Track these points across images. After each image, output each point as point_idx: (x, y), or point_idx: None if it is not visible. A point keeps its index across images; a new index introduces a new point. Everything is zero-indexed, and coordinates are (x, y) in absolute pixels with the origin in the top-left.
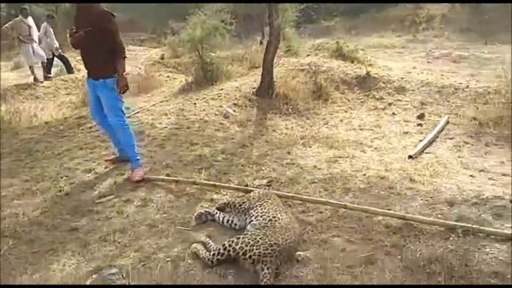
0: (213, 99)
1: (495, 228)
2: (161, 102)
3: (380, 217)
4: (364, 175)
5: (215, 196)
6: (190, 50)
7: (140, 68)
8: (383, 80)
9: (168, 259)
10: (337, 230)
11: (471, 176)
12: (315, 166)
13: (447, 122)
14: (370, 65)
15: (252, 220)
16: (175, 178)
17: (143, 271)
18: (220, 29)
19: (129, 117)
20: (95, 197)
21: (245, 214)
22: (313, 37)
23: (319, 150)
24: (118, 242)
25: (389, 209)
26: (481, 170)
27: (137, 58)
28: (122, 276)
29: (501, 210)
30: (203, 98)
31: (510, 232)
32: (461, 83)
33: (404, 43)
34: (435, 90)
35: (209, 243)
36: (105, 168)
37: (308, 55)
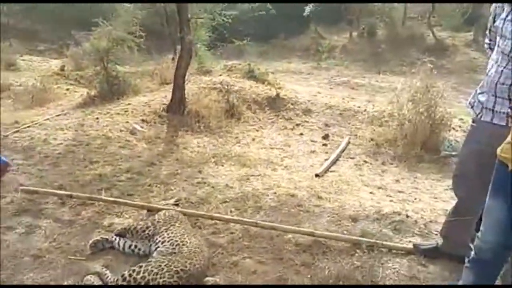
0: (118, 114)
1: (395, 243)
2: (57, 116)
3: (290, 235)
4: (275, 193)
5: (115, 220)
6: (94, 62)
7: (35, 79)
8: (292, 102)
9: None
10: (248, 251)
11: (371, 193)
12: (227, 185)
13: (348, 143)
14: (279, 88)
15: (158, 247)
16: (68, 193)
17: None
18: (128, 41)
19: (17, 131)
20: None
21: (149, 241)
22: (225, 57)
23: (231, 169)
24: None
25: (298, 227)
26: (380, 187)
27: (34, 69)
28: None
29: (399, 225)
30: (107, 113)
31: (410, 246)
32: (359, 107)
33: (310, 69)
34: (337, 113)
35: (106, 274)
36: None
37: (220, 75)
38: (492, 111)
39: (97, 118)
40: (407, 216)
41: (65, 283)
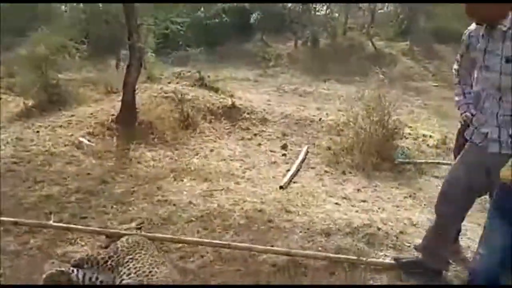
0: (61, 127)
1: (377, 259)
2: None
3: (265, 255)
4: (242, 209)
5: (69, 248)
6: (30, 70)
7: None
8: (247, 111)
9: None
10: (222, 275)
11: (336, 203)
12: (190, 202)
13: (307, 152)
14: (231, 95)
15: (124, 279)
16: (12, 219)
17: None
18: (70, 47)
19: None
20: None
21: (112, 272)
22: (170, 64)
23: (192, 184)
24: None
25: (272, 245)
26: (344, 198)
27: None
28: None
29: (372, 238)
30: (49, 125)
31: (391, 261)
32: (314, 116)
33: (256, 77)
34: (294, 122)
35: None
36: None
37: (169, 82)
38: (498, 141)
39: (38, 132)
40: (378, 229)
41: None
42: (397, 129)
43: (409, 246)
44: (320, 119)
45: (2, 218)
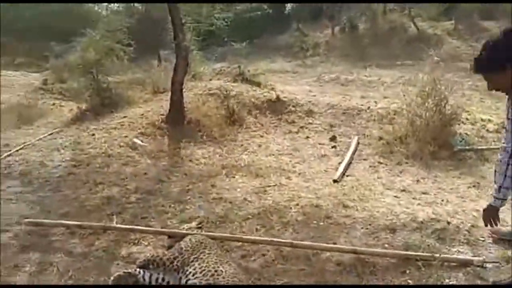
0: (115, 128)
1: (451, 255)
2: (50, 134)
3: (328, 254)
4: (297, 205)
5: (134, 249)
6: (81, 74)
7: (19, 96)
8: (292, 104)
9: None
10: (286, 275)
11: (395, 196)
12: (244, 199)
13: (358, 143)
14: (273, 89)
15: (189, 279)
16: (77, 223)
17: None
18: (117, 50)
19: (9, 155)
20: None
21: (178, 272)
22: (214, 60)
23: (243, 180)
24: None
25: (334, 243)
26: (403, 190)
27: (14, 85)
28: None
29: (442, 233)
30: (103, 127)
31: (469, 257)
32: (362, 105)
33: (295, 68)
34: (341, 112)
35: None
36: None
37: (210, 79)
38: None
39: (93, 135)
40: (448, 223)
41: None
42: (455, 114)
43: (483, 241)
44: (368, 107)
45: (67, 222)
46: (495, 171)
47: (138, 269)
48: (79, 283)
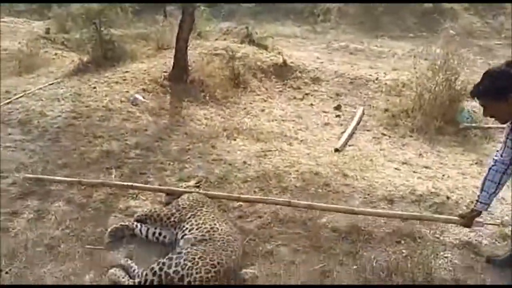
0: (117, 82)
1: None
2: (50, 84)
3: (324, 220)
4: (297, 171)
5: (132, 203)
6: (83, 25)
7: (20, 43)
8: (299, 70)
9: None
10: (281, 237)
11: (396, 169)
12: (244, 162)
13: (363, 114)
14: (280, 53)
15: (185, 234)
16: (77, 180)
17: None
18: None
19: (9, 102)
20: None
21: (175, 228)
22: (221, 19)
23: (245, 143)
24: (7, 272)
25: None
26: (404, 163)
27: (16, 32)
28: None
29: (441, 207)
30: (105, 81)
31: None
32: (370, 75)
33: (304, 33)
34: (348, 82)
35: (131, 266)
36: None
37: (216, 39)
38: None
39: (95, 87)
40: (447, 198)
41: (86, 276)
42: (464, 90)
43: (481, 217)
44: (376, 78)
45: (66, 179)
46: (486, 178)
47: (135, 223)
48: (76, 233)
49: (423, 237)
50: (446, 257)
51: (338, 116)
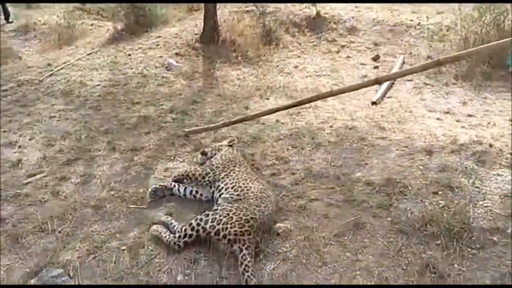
0: (150, 48)
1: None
2: (88, 54)
3: (359, 174)
4: (331, 127)
5: (169, 165)
6: None
7: (58, 16)
8: (334, 21)
9: (124, 247)
10: (315, 192)
11: (438, 119)
12: (277, 121)
13: (403, 63)
14: (313, 4)
15: (222, 193)
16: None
17: (95, 265)
18: None
19: (51, 74)
20: (22, 176)
21: (211, 187)
22: None
23: (278, 102)
24: (59, 232)
25: (366, 163)
26: (447, 112)
27: (52, 5)
28: (69, 275)
29: (483, 156)
30: (139, 48)
31: None
32: (412, 20)
33: None
34: (387, 29)
35: (171, 223)
36: (30, 139)
37: None
38: None
39: (130, 55)
40: (490, 146)
41: (131, 233)
42: None
43: None
44: (418, 23)
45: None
46: None
47: (173, 183)
48: (120, 194)
49: (462, 187)
50: (486, 206)
51: (376, 67)
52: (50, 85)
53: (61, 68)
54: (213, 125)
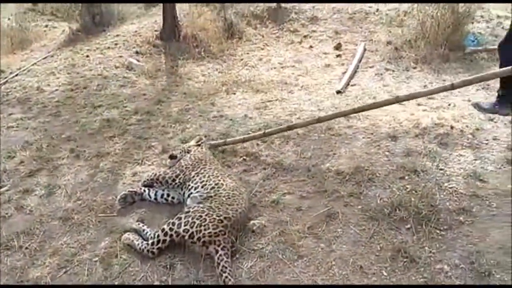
0: (109, 48)
1: (452, 159)
2: (44, 58)
3: (328, 164)
4: (299, 118)
5: (138, 169)
6: None
7: (9, 19)
8: (295, 11)
9: (96, 258)
10: (287, 186)
11: (400, 104)
12: (245, 116)
13: (364, 50)
14: None
15: (191, 193)
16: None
17: (67, 280)
18: None
19: (6, 82)
20: None
21: (182, 188)
22: None
23: (244, 96)
24: (26, 248)
25: (334, 153)
26: None
27: (2, 7)
28: None
29: (445, 138)
30: (97, 48)
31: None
32: (370, 7)
33: None
34: (347, 17)
35: (144, 229)
36: None
37: None
38: None
39: (88, 56)
40: (451, 128)
41: (102, 244)
42: (468, 12)
43: (486, 144)
44: (377, 9)
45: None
46: None
47: (143, 188)
48: (88, 203)
49: (427, 170)
50: (451, 187)
51: (338, 55)
52: (5, 93)
53: (16, 75)
54: (248, 135)
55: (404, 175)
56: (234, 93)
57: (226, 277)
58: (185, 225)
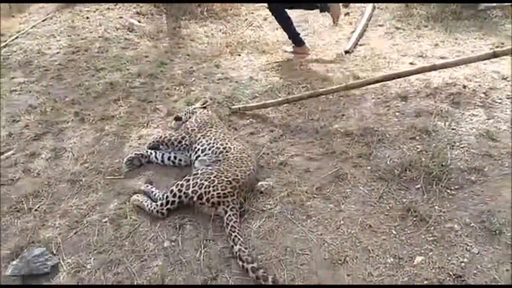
0: (109, 9)
1: (464, 119)
2: (43, 21)
3: (336, 125)
4: (306, 79)
5: (143, 132)
6: None
7: None
8: None
9: (106, 219)
10: (294, 148)
11: (411, 63)
12: (251, 78)
13: (374, 8)
14: None
15: (199, 156)
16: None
17: (77, 240)
18: None
19: (6, 45)
20: None
21: (188, 151)
22: None
23: (250, 58)
24: (36, 210)
25: (343, 114)
26: (420, 56)
27: None
28: (52, 253)
29: (457, 98)
30: (96, 9)
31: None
32: None
33: None
34: None
35: (152, 191)
36: None
37: None
38: None
39: (88, 18)
40: (464, 87)
41: (111, 205)
42: None
43: (500, 103)
44: None
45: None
46: None
47: (149, 150)
48: (95, 166)
49: (438, 130)
50: (462, 147)
51: (347, 14)
52: (6, 57)
53: (16, 38)
54: (272, 101)
55: (414, 135)
56: (239, 55)
57: (236, 236)
58: (193, 187)
